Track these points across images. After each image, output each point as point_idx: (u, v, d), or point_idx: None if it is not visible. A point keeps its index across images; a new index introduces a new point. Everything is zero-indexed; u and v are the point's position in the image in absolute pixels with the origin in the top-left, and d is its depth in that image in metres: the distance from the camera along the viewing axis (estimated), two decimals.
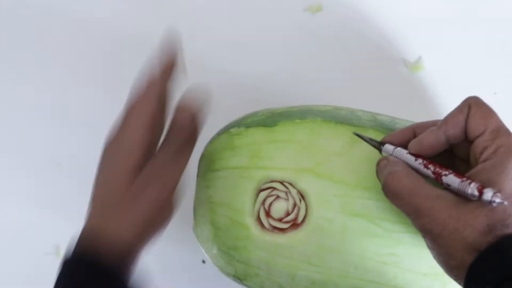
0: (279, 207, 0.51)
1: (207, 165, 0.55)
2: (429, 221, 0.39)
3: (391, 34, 0.68)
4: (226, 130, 0.56)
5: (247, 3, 0.69)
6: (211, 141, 0.57)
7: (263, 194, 0.51)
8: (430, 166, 0.42)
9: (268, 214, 0.51)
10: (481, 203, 0.38)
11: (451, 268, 0.39)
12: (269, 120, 0.54)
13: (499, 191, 0.38)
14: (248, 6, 0.69)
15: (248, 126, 0.54)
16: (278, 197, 0.51)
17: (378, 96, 0.68)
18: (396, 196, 0.42)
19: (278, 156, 0.51)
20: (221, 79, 0.69)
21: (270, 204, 0.51)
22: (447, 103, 0.67)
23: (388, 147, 0.46)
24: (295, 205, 0.50)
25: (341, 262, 0.49)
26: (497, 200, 0.37)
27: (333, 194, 0.49)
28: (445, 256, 0.39)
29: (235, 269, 0.53)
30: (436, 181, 0.42)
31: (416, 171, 0.43)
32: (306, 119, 0.52)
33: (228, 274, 0.55)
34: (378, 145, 0.47)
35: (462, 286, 0.39)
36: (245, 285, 0.54)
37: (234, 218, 0.51)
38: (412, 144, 0.44)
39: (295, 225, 0.50)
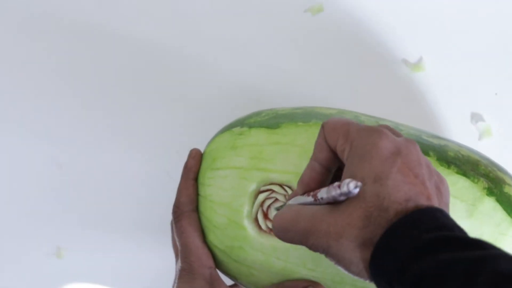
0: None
1: (208, 163, 0.55)
2: (315, 237, 0.39)
3: (392, 35, 0.68)
4: (229, 128, 0.56)
5: (248, 4, 0.69)
6: (214, 139, 0.57)
7: (262, 196, 0.51)
8: (310, 193, 0.42)
9: (266, 216, 0.51)
10: (349, 200, 0.38)
11: (358, 274, 0.39)
12: (272, 121, 0.54)
13: (360, 179, 0.38)
14: (249, 7, 0.69)
15: (251, 126, 0.54)
16: (276, 199, 0.51)
17: (379, 97, 0.68)
18: (283, 231, 0.42)
19: (279, 159, 0.51)
20: (222, 80, 0.69)
21: (269, 206, 0.51)
22: (448, 103, 0.67)
23: (287, 204, 0.45)
24: None
25: (336, 267, 0.49)
26: (352, 187, 0.36)
27: None
28: (346, 264, 0.39)
29: (230, 268, 0.53)
30: (316, 202, 0.41)
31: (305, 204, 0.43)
32: (309, 122, 0.52)
33: (223, 271, 0.55)
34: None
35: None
36: (239, 283, 0.55)
37: (232, 218, 0.51)
38: (298, 186, 0.45)
39: None
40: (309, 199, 0.42)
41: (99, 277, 0.70)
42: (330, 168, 0.44)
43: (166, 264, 0.63)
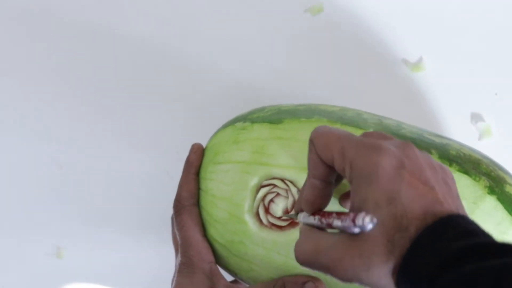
0: (279, 204, 0.51)
1: (210, 157, 0.55)
2: (342, 272, 0.38)
3: (392, 34, 0.68)
4: (231, 123, 0.56)
5: (248, 4, 0.69)
6: (216, 133, 0.57)
7: (263, 191, 0.51)
8: (322, 219, 0.41)
9: (267, 210, 0.51)
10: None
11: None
12: (275, 116, 0.54)
13: (373, 204, 0.37)
14: (249, 7, 0.69)
15: (253, 121, 0.54)
16: (278, 194, 0.51)
17: (378, 97, 0.68)
18: (307, 264, 0.41)
19: (281, 154, 0.51)
20: (222, 80, 0.69)
21: (270, 201, 0.51)
22: (448, 103, 0.67)
23: (299, 216, 0.45)
24: (294, 203, 0.50)
25: None
26: (367, 221, 0.36)
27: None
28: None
29: (230, 263, 0.53)
30: (331, 229, 0.40)
31: (319, 227, 0.42)
32: (311, 119, 0.52)
33: (223, 266, 0.55)
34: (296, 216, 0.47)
35: None
36: (239, 278, 0.55)
37: (233, 213, 0.51)
38: (298, 205, 0.44)
39: (293, 223, 0.50)
40: (317, 222, 0.41)
41: (99, 277, 0.70)
42: (330, 180, 0.43)
43: (166, 264, 0.63)
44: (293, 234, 0.50)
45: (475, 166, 0.51)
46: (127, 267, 0.70)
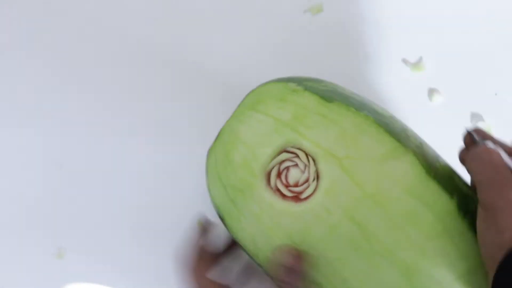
0: (292, 175, 0.50)
1: (252, 102, 0.55)
2: (497, 194, 0.42)
3: (392, 34, 0.68)
4: (285, 81, 0.56)
5: (248, 4, 0.69)
6: (267, 83, 0.57)
7: (284, 155, 0.51)
8: None
9: (279, 175, 0.51)
10: None
11: (497, 246, 0.41)
12: (328, 94, 0.54)
13: None
14: (249, 7, 0.69)
15: (306, 88, 0.54)
16: (296, 165, 0.51)
17: (378, 97, 0.68)
18: (480, 161, 0.44)
19: (317, 130, 0.51)
20: (223, 80, 0.69)
21: (286, 168, 0.51)
22: (447, 103, 0.67)
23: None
24: (307, 180, 0.50)
25: (316, 254, 0.49)
26: None
27: (346, 191, 0.48)
28: (498, 231, 0.41)
29: (223, 204, 0.54)
30: None
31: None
32: (360, 112, 0.52)
33: (215, 206, 0.55)
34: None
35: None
36: (225, 224, 0.55)
37: (248, 162, 0.51)
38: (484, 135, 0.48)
39: (297, 198, 0.50)
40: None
41: (99, 277, 0.70)
42: None
43: (166, 264, 0.63)
44: (292, 208, 0.50)
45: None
46: (127, 267, 0.70)
